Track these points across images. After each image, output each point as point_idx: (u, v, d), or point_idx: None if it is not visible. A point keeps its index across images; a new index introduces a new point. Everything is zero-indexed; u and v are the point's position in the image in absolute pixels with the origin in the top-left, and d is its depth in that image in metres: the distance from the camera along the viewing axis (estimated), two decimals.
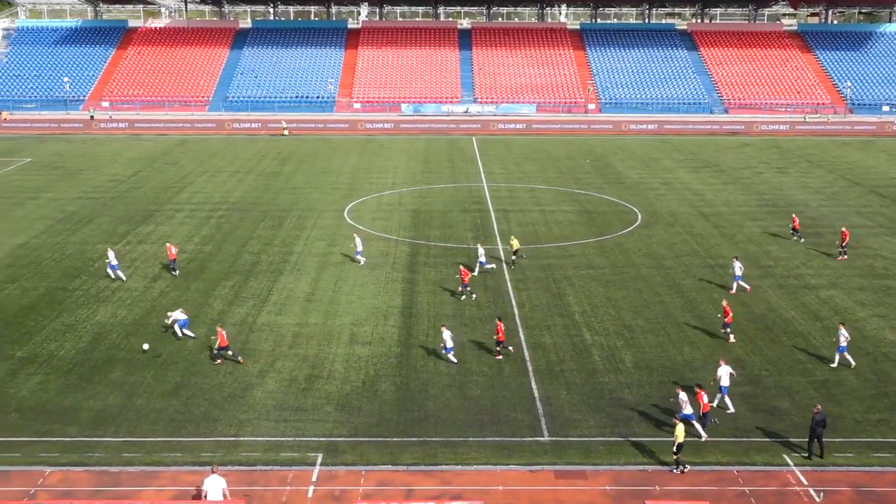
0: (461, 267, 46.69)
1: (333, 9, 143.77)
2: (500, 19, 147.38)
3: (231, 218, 62.76)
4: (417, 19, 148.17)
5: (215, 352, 38.06)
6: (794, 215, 59.07)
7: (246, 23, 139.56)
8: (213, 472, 26.74)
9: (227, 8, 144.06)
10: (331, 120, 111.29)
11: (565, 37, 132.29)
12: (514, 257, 51.33)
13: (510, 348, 38.74)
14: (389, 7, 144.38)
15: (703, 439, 31.06)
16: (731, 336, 40.07)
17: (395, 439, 31.34)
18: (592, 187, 73.38)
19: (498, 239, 56.97)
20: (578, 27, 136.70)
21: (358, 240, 52.22)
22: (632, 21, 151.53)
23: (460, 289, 45.79)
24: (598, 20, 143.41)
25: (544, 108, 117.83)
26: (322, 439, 31.33)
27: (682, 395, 31.61)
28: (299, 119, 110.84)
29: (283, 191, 71.99)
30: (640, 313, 43.49)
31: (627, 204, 67.24)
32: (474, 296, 45.67)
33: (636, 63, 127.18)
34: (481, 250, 50.02)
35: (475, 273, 48.80)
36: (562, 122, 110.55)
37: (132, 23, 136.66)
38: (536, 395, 34.81)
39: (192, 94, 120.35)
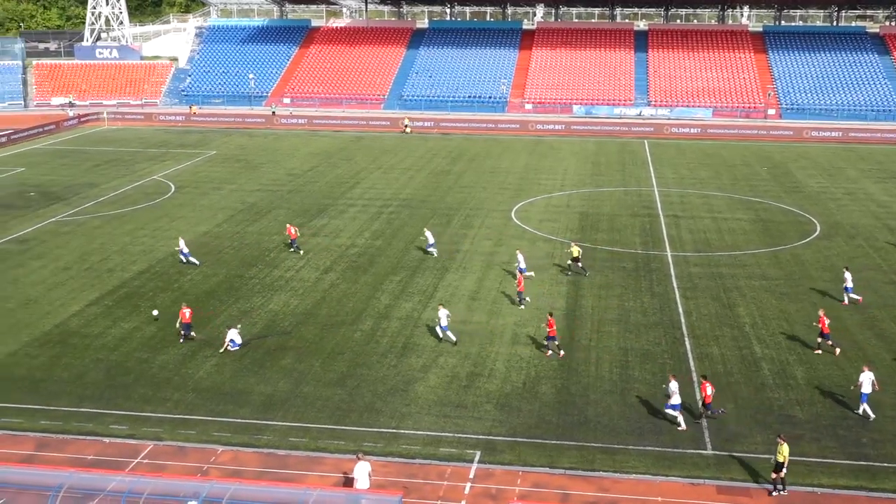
0: (519, 274, 46.26)
1: (509, 9, 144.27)
2: (678, 21, 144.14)
3: (401, 214, 63.97)
4: (593, 20, 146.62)
5: (183, 332, 40.02)
6: None
7: (423, 23, 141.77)
8: (358, 458, 27.55)
9: (405, 8, 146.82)
10: (502, 120, 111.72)
11: (746, 39, 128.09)
12: (569, 262, 50.00)
13: (560, 352, 38.41)
14: (565, 8, 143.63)
15: (682, 429, 31.85)
16: (819, 349, 38.93)
17: (553, 442, 31.21)
18: (769, 195, 70.77)
19: (667, 245, 55.80)
20: (761, 29, 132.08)
21: (428, 233, 53.64)
22: (818, 24, 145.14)
23: (518, 300, 44.91)
24: (782, 22, 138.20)
25: (721, 113, 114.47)
26: (481, 437, 31.55)
27: (673, 385, 32.28)
28: (471, 119, 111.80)
29: (452, 189, 72.81)
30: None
31: (806, 214, 64.49)
32: (528, 299, 45.19)
33: (821, 67, 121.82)
34: (520, 256, 48.82)
35: (531, 276, 48.34)
36: (739, 128, 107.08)
37: (315, 22, 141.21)
38: (701, 406, 33.90)
39: (369, 92, 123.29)
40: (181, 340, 40.07)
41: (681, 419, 32.19)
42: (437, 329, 40.33)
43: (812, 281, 48.75)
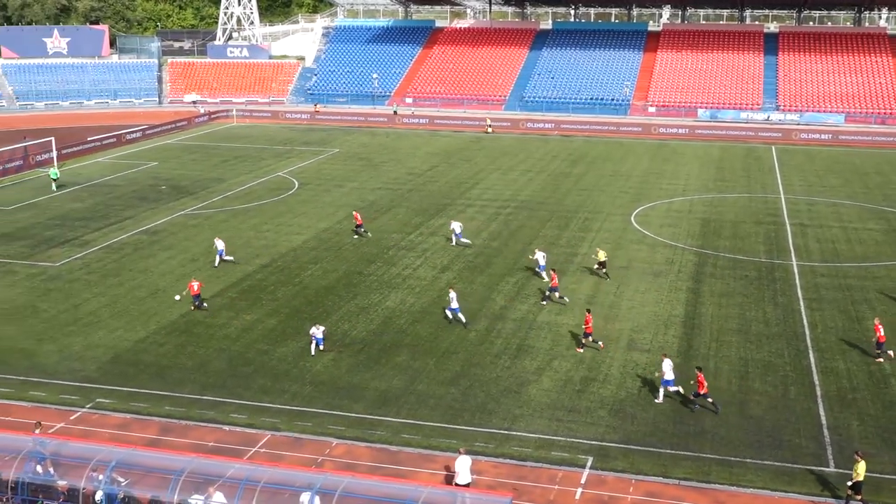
0: (552, 271, 46.23)
1: (635, 11, 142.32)
2: (810, 23, 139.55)
3: (519, 216, 63.83)
4: (721, 22, 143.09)
5: (194, 303, 44.05)
6: None
7: (547, 24, 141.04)
8: (460, 452, 27.73)
9: (529, 9, 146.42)
10: (624, 123, 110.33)
11: (884, 42, 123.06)
12: (596, 266, 49.74)
13: (600, 343, 39.33)
14: (692, 10, 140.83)
15: (658, 401, 34.08)
16: (881, 357, 38.10)
17: (668, 451, 30.66)
18: None
19: (793, 254, 54.12)
20: None
21: (455, 224, 55.86)
22: None
23: (548, 292, 45.30)
24: None
25: (854, 119, 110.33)
26: (593, 442, 31.23)
27: (667, 362, 34.19)
28: (592, 121, 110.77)
29: (571, 192, 72.25)
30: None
31: None
32: (566, 299, 45.04)
33: None
34: (539, 255, 49.06)
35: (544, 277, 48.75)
36: (873, 134, 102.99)
37: (439, 23, 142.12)
38: (824, 422, 32.80)
39: (490, 93, 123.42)
40: (202, 307, 44.16)
41: (661, 394, 34.28)
42: (448, 311, 42.17)
43: None
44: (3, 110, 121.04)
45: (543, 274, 48.64)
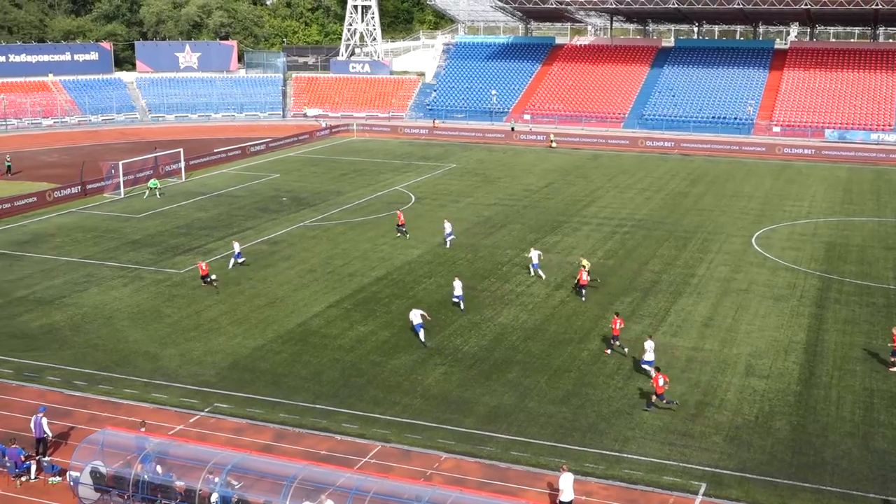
0: (581, 267, 48.84)
1: (761, 28, 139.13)
2: None
3: (635, 235, 62.97)
4: (852, 41, 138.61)
5: (204, 281, 49.46)
6: None
7: (669, 41, 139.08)
8: (563, 469, 27.60)
9: (651, 27, 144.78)
10: (746, 142, 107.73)
11: None
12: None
13: (626, 349, 40.35)
14: (822, 27, 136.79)
15: (652, 374, 35.26)
16: (894, 367, 37.63)
17: (785, 481, 29.68)
18: None
19: None
20: None
21: (447, 224, 59.21)
22: None
23: (582, 291, 48.10)
24: None
25: None
26: (707, 469, 30.49)
27: (648, 343, 37.40)
28: (713, 140, 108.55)
29: (690, 212, 70.90)
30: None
31: None
32: (585, 291, 48.07)
33: None
34: (534, 253, 52.06)
35: (541, 275, 51.54)
36: None
37: (559, 40, 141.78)
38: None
39: (609, 111, 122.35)
40: (213, 284, 49.44)
41: (652, 372, 35.63)
42: (454, 299, 46.45)
43: None
44: (136, 122, 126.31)
45: (539, 272, 51.63)
